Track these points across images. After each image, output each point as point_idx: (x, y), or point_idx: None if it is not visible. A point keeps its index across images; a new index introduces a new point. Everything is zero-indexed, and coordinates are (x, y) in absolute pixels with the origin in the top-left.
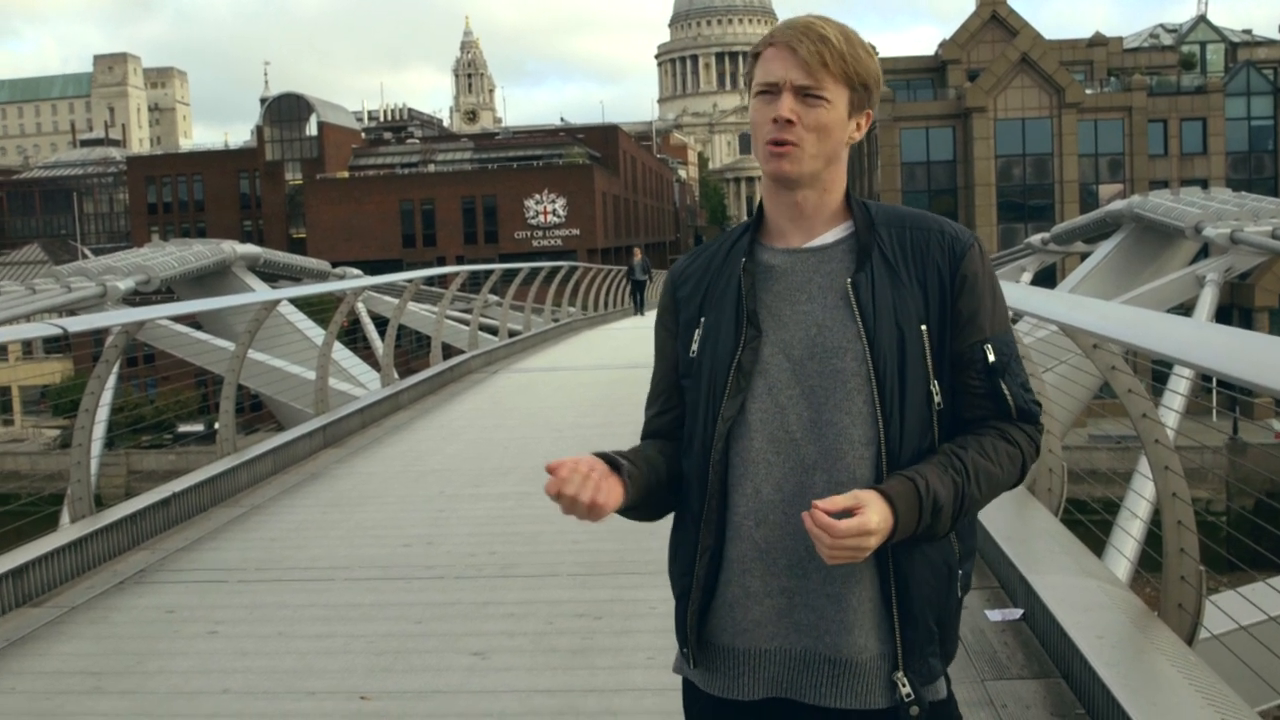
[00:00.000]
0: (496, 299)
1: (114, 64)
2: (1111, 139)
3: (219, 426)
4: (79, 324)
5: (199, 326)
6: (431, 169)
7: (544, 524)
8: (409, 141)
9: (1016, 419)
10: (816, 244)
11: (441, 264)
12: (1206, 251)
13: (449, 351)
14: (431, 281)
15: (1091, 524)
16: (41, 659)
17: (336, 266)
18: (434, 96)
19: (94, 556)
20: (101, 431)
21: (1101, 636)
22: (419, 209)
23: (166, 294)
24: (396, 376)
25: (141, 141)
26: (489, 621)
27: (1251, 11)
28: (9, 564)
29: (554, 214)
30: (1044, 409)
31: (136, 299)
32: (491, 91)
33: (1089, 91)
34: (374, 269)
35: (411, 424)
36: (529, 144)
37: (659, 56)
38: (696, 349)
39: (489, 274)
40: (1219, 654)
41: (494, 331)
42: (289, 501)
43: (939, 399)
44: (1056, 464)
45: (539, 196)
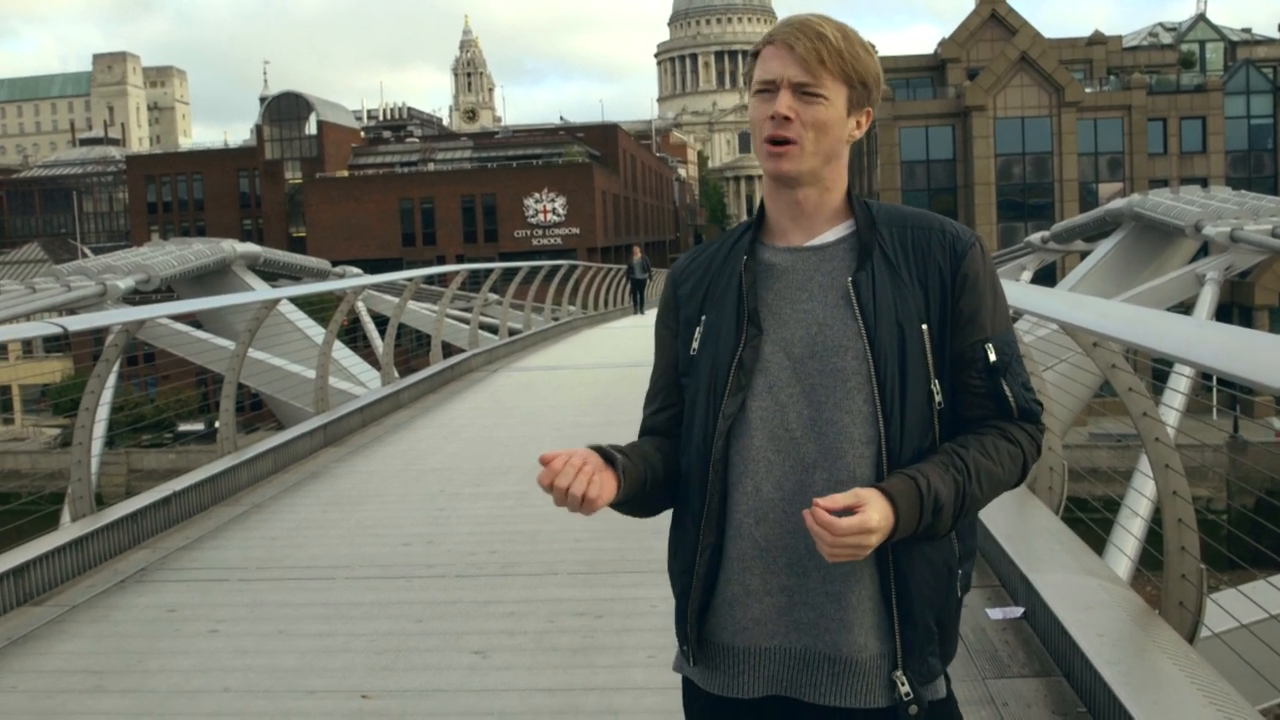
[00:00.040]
0: (496, 298)
1: (113, 63)
2: (1111, 138)
3: (219, 425)
4: (79, 323)
5: (199, 325)
6: (431, 168)
7: (544, 523)
8: (408, 140)
9: (1018, 418)
10: (817, 242)
11: (441, 263)
12: (1206, 250)
13: (449, 350)
14: (432, 280)
15: (1092, 522)
16: (42, 658)
17: (336, 265)
18: (433, 95)
19: (95, 555)
20: (102, 430)
21: (1102, 635)
22: (419, 208)
23: (166, 293)
24: (397, 375)
25: (141, 140)
26: (489, 620)
27: (1251, 10)
28: (10, 563)
29: (554, 213)
30: (1044, 408)
31: (136, 298)
32: (491, 90)
33: (1088, 90)
34: (374, 268)
35: (412, 423)
36: (528, 143)
37: (658, 55)
38: (697, 347)
39: (489, 273)
40: (1220, 652)
41: (494, 330)
42: (289, 500)
43: (940, 398)
44: (1057, 462)
45: (539, 195)
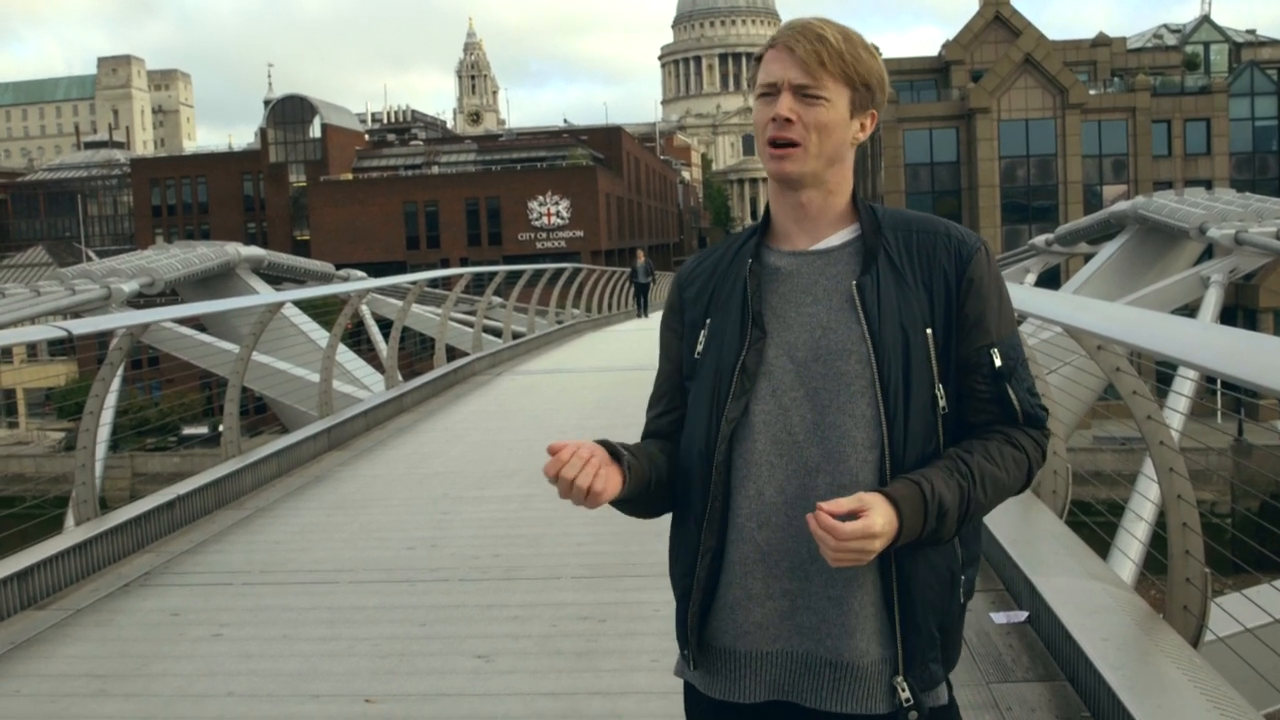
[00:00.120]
0: (500, 301)
1: (118, 66)
2: (1115, 140)
3: (223, 429)
4: (83, 326)
5: (203, 329)
6: (435, 171)
7: (548, 526)
8: (413, 143)
9: (1023, 424)
10: (822, 246)
11: (445, 266)
12: (1211, 253)
13: (453, 354)
14: (435, 283)
15: (1096, 526)
16: (46, 661)
17: (340, 269)
18: (437, 98)
19: (99, 559)
20: (106, 434)
21: (1107, 639)
22: (423, 211)
23: (171, 296)
24: (400, 379)
25: (145, 144)
26: (493, 624)
27: (1255, 11)
28: (14, 566)
29: (557, 215)
30: (1049, 412)
31: (141, 301)
32: (495, 93)
33: (1093, 92)
34: (378, 271)
35: (415, 426)
36: (532, 145)
37: (662, 58)
38: (701, 350)
39: (493, 276)
40: (1224, 657)
41: (498, 333)
42: (293, 504)
43: (944, 403)
44: (1061, 466)
45: (542, 198)
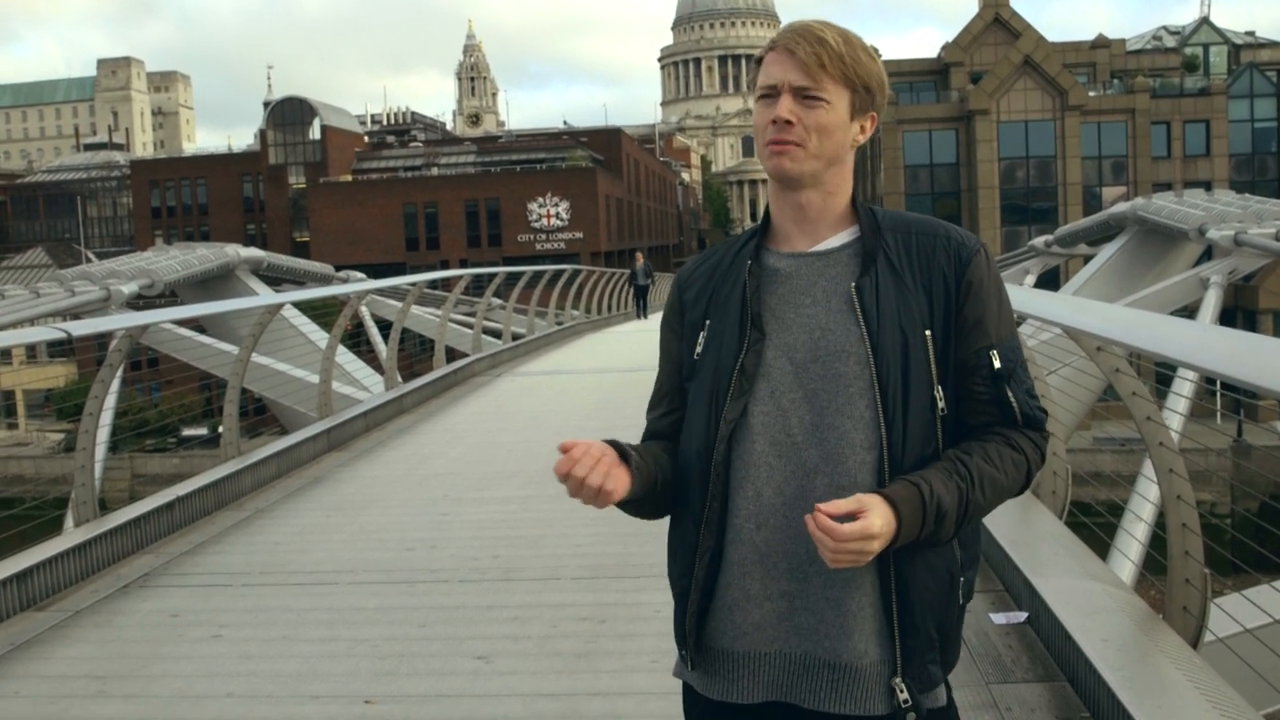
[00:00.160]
0: (500, 302)
1: (117, 68)
2: (1114, 141)
3: (223, 430)
4: (83, 328)
5: (203, 330)
6: (435, 172)
7: (547, 527)
8: (412, 145)
9: (1022, 426)
10: (822, 248)
11: (445, 267)
12: (1210, 254)
13: (452, 355)
14: (435, 285)
15: (1096, 527)
16: (46, 663)
17: (340, 270)
18: (437, 100)
19: (98, 560)
20: (106, 435)
21: (1106, 640)
22: (422, 212)
23: (170, 298)
24: (400, 380)
25: (145, 145)
26: (493, 625)
27: (1255, 13)
28: (13, 568)
29: (557, 217)
30: (1049, 414)
31: (140, 303)
32: (494, 94)
33: (1092, 94)
34: (377, 272)
35: (415, 427)
36: (532, 147)
37: (662, 59)
38: (701, 351)
39: (492, 277)
40: (1224, 657)
41: (497, 335)
42: (293, 505)
43: (943, 405)
44: (1061, 467)
45: (542, 199)
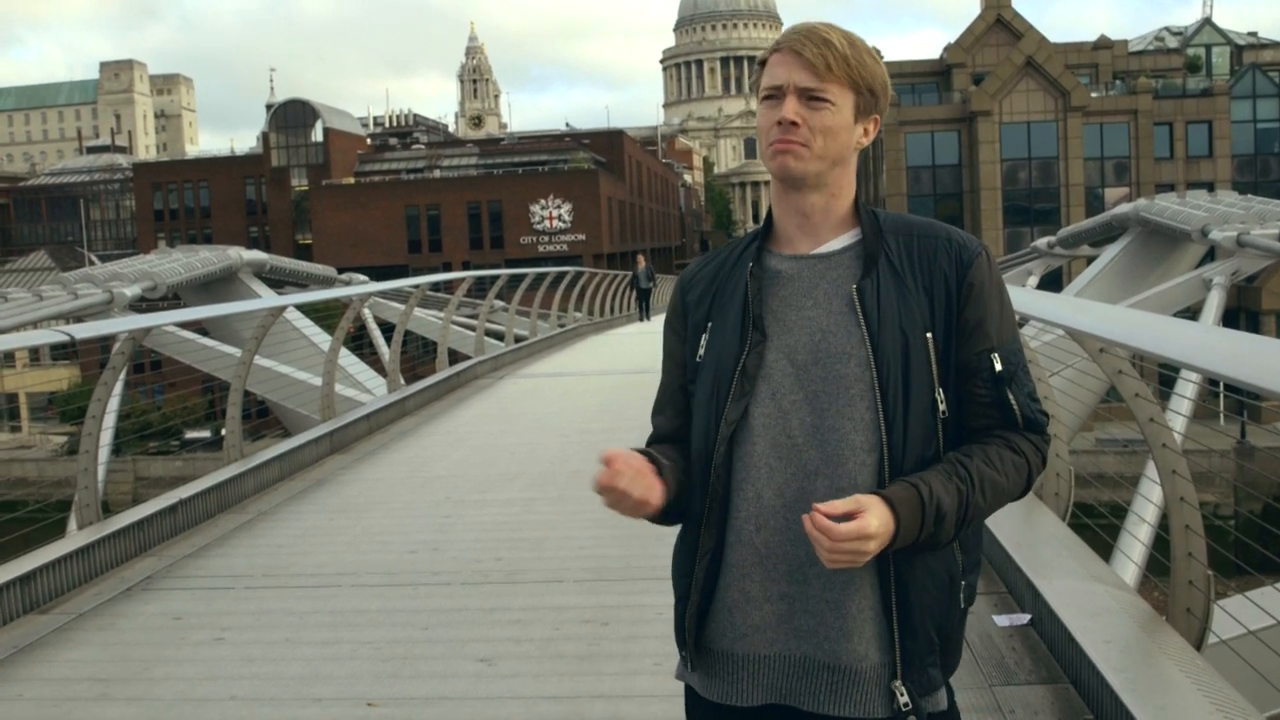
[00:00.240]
0: (502, 304)
1: (120, 71)
2: (1117, 142)
3: (226, 433)
4: (86, 330)
5: (205, 333)
6: (437, 174)
7: (550, 530)
8: (414, 147)
9: (1023, 429)
10: (823, 250)
11: (447, 269)
12: (1213, 255)
13: (455, 357)
14: (437, 287)
15: (1099, 528)
16: (49, 666)
17: (342, 272)
18: (439, 102)
19: (101, 563)
20: (109, 438)
21: (1109, 642)
22: (425, 215)
23: (173, 300)
24: (403, 382)
25: (148, 148)
26: (495, 628)
27: (1257, 14)
28: (16, 571)
29: (559, 219)
30: (1051, 414)
31: (143, 305)
32: (497, 97)
33: (1094, 95)
34: (380, 275)
35: (418, 430)
36: (534, 149)
37: (664, 61)
38: (703, 353)
39: (495, 279)
40: (1227, 659)
41: (500, 337)
42: (296, 508)
43: (944, 407)
44: (1064, 468)
45: (544, 202)
